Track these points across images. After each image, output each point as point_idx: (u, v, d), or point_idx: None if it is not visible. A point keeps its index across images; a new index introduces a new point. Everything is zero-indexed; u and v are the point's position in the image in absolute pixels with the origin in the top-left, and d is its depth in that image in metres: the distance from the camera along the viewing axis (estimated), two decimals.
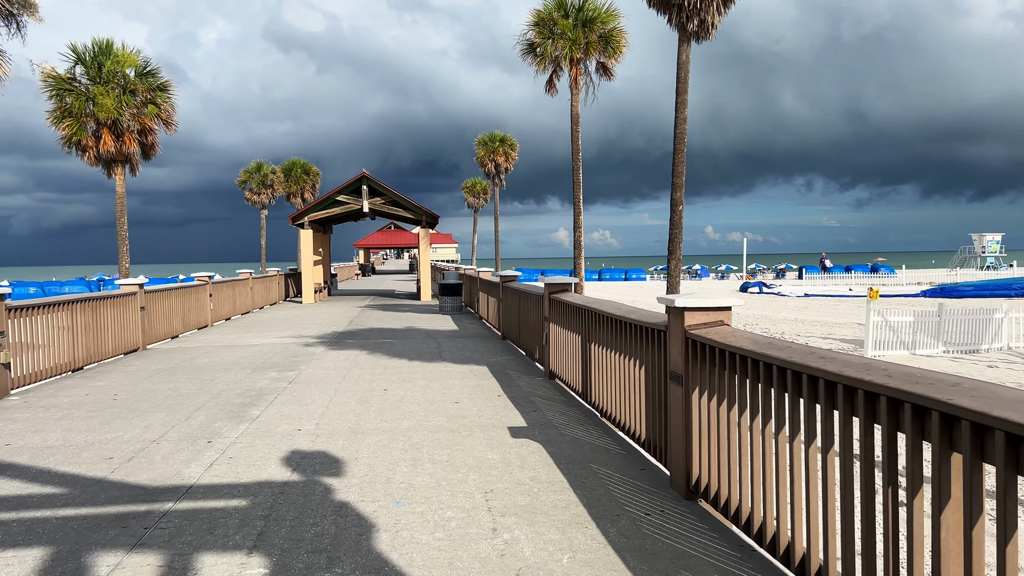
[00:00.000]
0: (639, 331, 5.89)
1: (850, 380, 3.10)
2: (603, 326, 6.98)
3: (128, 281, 13.78)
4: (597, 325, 7.23)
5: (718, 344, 4.43)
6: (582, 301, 8.02)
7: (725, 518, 4.50)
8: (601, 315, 7.03)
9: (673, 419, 5.12)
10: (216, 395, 9.01)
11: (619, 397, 6.57)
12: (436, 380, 9.85)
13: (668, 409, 5.25)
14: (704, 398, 4.73)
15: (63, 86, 20.47)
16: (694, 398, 4.84)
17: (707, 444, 4.70)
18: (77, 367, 11.31)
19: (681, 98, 13.89)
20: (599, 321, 7.13)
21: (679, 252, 14.07)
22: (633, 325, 6.03)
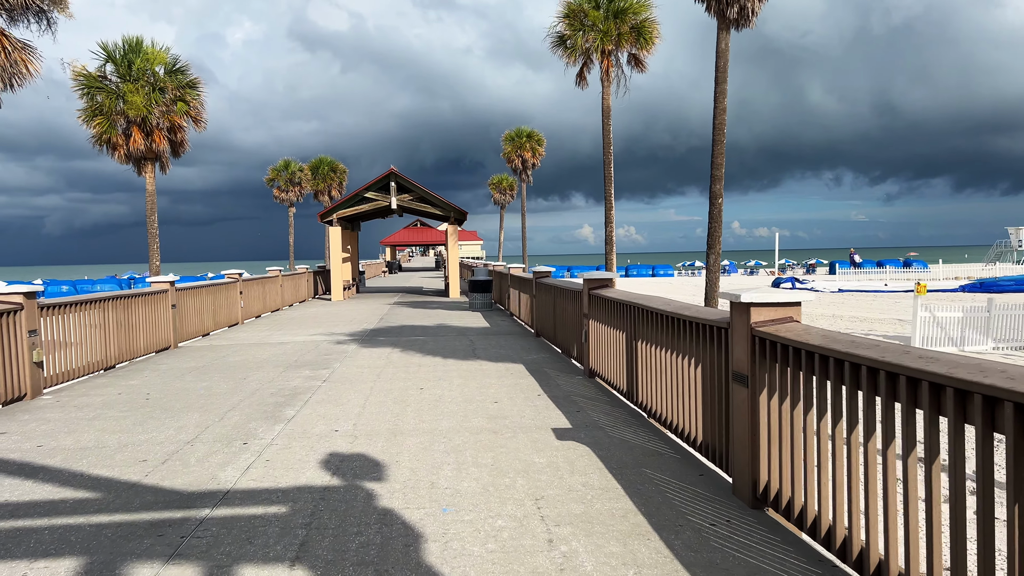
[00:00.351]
0: (696, 329, 5.56)
1: (962, 383, 2.77)
2: (653, 323, 6.66)
3: (159, 279, 13.68)
4: (645, 322, 6.91)
5: (792, 342, 4.10)
6: (627, 297, 7.70)
7: (800, 529, 4.17)
8: (650, 312, 6.71)
9: (737, 422, 4.80)
10: (250, 394, 8.81)
11: (671, 398, 6.25)
12: (472, 378, 9.59)
13: (730, 412, 4.92)
14: (775, 400, 4.40)
15: (93, 84, 20.50)
16: (762, 400, 4.51)
17: (778, 450, 4.37)
18: (109, 365, 11.21)
19: (720, 88, 13.48)
20: (648, 318, 6.81)
21: (718, 247, 13.67)
22: (689, 322, 5.70)
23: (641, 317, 7.05)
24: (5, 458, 6.17)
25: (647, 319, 6.85)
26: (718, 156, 13.53)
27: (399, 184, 27.96)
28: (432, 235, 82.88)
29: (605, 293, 8.81)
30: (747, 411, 4.64)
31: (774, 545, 4.07)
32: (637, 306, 7.15)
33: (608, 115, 21.58)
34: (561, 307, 11.70)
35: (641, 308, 7.01)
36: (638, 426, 6.87)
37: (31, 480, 5.51)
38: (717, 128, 13.58)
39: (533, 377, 9.66)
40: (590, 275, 9.43)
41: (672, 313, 6.04)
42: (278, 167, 47.92)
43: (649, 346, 6.82)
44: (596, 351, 9.24)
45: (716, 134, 13.59)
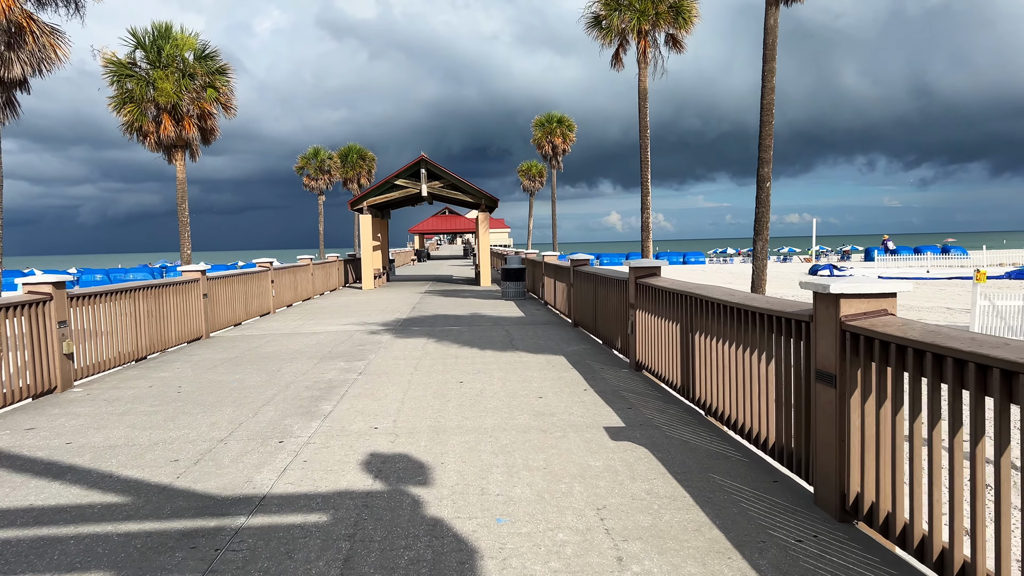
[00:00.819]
0: (768, 322, 5.10)
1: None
2: (714, 315, 6.20)
3: (190, 268, 13.44)
4: (705, 314, 6.44)
5: (894, 338, 3.63)
6: (682, 287, 7.23)
7: (902, 549, 3.72)
8: (712, 303, 6.24)
9: (820, 425, 4.34)
10: (284, 387, 8.50)
11: (737, 396, 5.79)
12: (513, 372, 9.19)
13: (812, 414, 4.46)
14: (870, 403, 3.94)
15: (123, 71, 20.33)
16: (853, 402, 4.05)
17: (874, 458, 3.91)
18: (140, 356, 10.98)
19: (768, 66, 12.89)
20: (708, 309, 6.34)
21: (766, 233, 13.11)
22: (759, 315, 5.23)
23: (699, 308, 6.58)
24: (33, 456, 5.89)
25: (707, 310, 6.38)
26: (766, 138, 12.95)
27: (429, 171, 27.60)
28: (460, 223, 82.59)
29: (654, 282, 8.35)
30: (834, 414, 4.18)
31: (874, 567, 3.62)
32: (695, 296, 6.68)
33: (645, 98, 20.99)
34: (603, 297, 11.25)
35: (700, 299, 6.54)
36: (697, 425, 6.42)
37: (58, 481, 5.21)
38: (765, 108, 12.99)
39: (576, 370, 9.24)
40: (636, 263, 8.97)
41: (739, 304, 5.57)
42: (307, 155, 47.82)
43: (709, 339, 6.35)
44: (644, 343, 8.79)
45: (764, 114, 13.00)
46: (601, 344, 11.57)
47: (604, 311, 11.21)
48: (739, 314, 5.63)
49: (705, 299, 6.38)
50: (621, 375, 8.87)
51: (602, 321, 11.37)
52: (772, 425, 5.16)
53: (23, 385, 7.99)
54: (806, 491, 4.68)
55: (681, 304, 7.16)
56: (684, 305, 7.06)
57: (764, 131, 12.96)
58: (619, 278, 10.07)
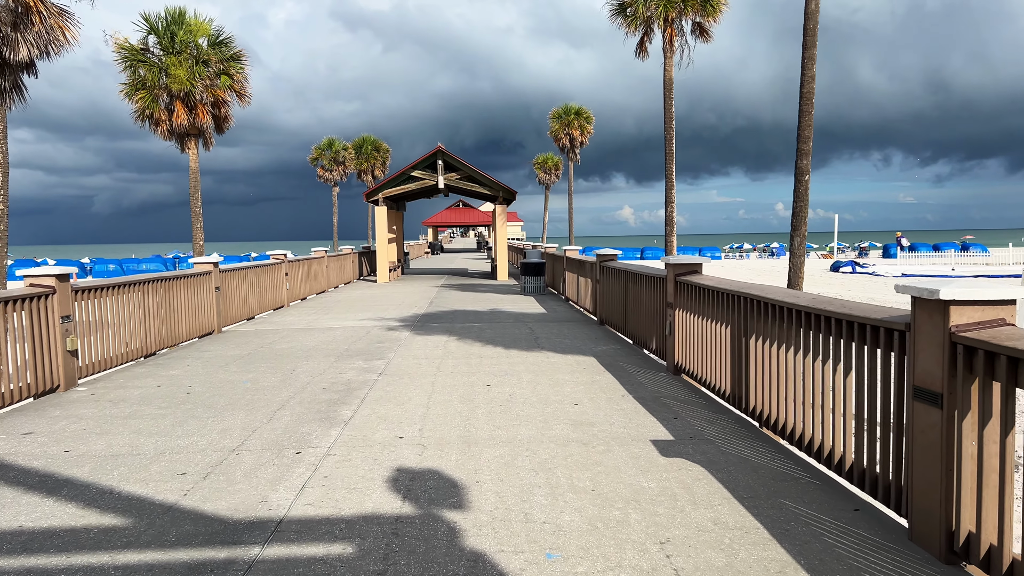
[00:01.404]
0: (849, 329, 4.51)
1: None
2: (775, 319, 5.61)
3: (202, 260, 12.95)
4: (763, 317, 5.86)
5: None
6: (734, 286, 6.65)
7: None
8: (771, 305, 5.66)
9: (919, 451, 3.76)
10: (300, 389, 7.98)
11: (804, 409, 5.21)
12: (543, 374, 8.64)
13: (909, 436, 3.88)
14: (991, 428, 3.36)
15: (136, 57, 19.86)
16: (966, 426, 3.48)
17: (994, 494, 3.33)
18: (149, 352, 10.49)
19: (809, 53, 12.24)
20: (768, 312, 5.76)
21: (804, 228, 12.47)
22: (837, 320, 4.65)
23: (757, 311, 6.00)
24: (28, 466, 5.39)
25: (766, 313, 5.80)
26: (805, 128, 12.30)
27: (446, 162, 27.04)
28: (474, 216, 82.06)
29: (696, 280, 7.77)
30: (939, 438, 3.61)
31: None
32: (751, 297, 6.10)
33: (670, 88, 20.34)
34: (635, 294, 10.67)
35: (758, 300, 5.96)
36: (753, 439, 5.85)
37: (53, 498, 4.70)
38: (804, 98, 12.34)
39: (610, 373, 8.67)
40: (676, 260, 8.39)
41: (809, 308, 4.99)
42: (322, 145, 47.35)
43: (768, 345, 5.78)
44: (684, 345, 8.21)
45: (803, 104, 12.35)
46: (631, 344, 11.00)
47: (636, 310, 10.63)
48: (809, 319, 5.05)
49: (764, 300, 5.80)
50: (659, 379, 8.30)
51: (633, 320, 10.80)
52: (851, 445, 4.58)
53: (23, 384, 7.50)
54: (897, 524, 4.11)
55: (732, 305, 6.58)
56: (736, 306, 6.48)
57: (803, 121, 12.31)
58: (654, 275, 9.49)
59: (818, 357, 4.97)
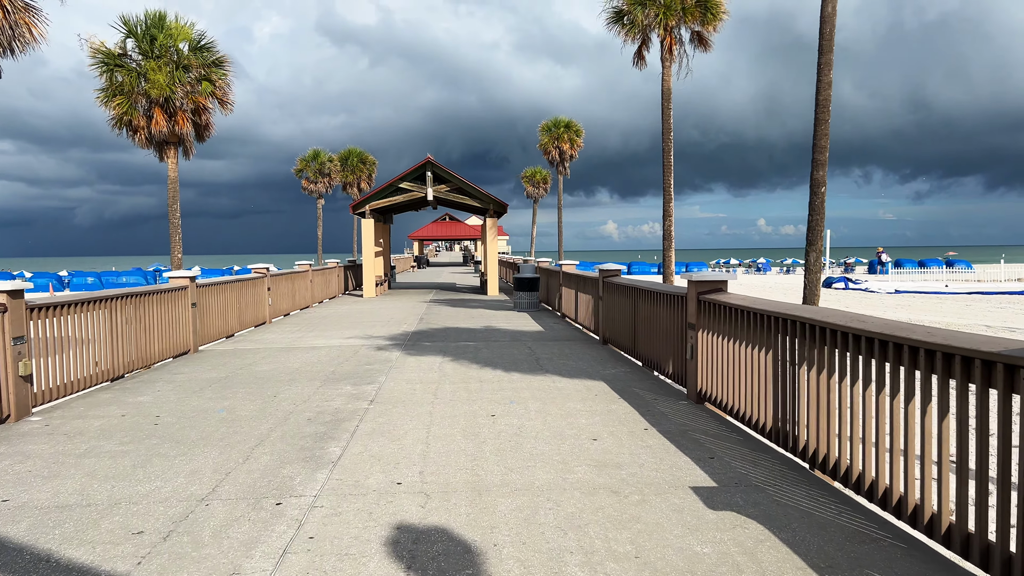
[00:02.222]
0: (947, 362, 3.74)
1: None
2: (833, 346, 4.83)
3: (178, 274, 12.06)
4: (817, 343, 5.07)
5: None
6: (777, 308, 5.87)
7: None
8: (830, 330, 4.88)
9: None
10: (282, 419, 7.12)
11: (877, 454, 4.42)
12: (551, 402, 7.83)
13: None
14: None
15: (113, 62, 18.97)
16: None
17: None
18: (117, 375, 9.59)
19: (825, 58, 11.58)
20: (823, 338, 4.97)
21: (820, 243, 11.77)
22: (927, 351, 3.87)
23: (807, 335, 5.22)
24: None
25: (821, 339, 5.02)
26: (821, 138, 11.62)
27: (436, 174, 26.26)
28: (461, 229, 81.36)
29: (724, 299, 7.00)
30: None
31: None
32: (800, 320, 5.32)
33: (669, 99, 19.69)
34: (646, 313, 9.88)
35: (809, 324, 5.18)
36: (808, 485, 5.05)
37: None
38: (820, 105, 11.67)
39: (625, 401, 7.87)
40: (699, 276, 7.62)
41: (885, 336, 4.21)
42: (307, 157, 46.47)
43: (825, 376, 4.99)
44: (709, 371, 7.43)
45: (819, 111, 11.67)
46: (641, 367, 10.21)
47: (648, 330, 9.84)
48: (885, 348, 4.27)
49: (820, 325, 5.02)
50: (681, 409, 7.51)
51: (644, 341, 10.01)
52: (947, 504, 3.80)
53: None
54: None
55: (775, 329, 5.81)
56: (780, 330, 5.70)
57: (819, 130, 11.62)
58: (671, 293, 8.72)
59: (897, 394, 4.20)
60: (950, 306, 27.89)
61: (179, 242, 20.24)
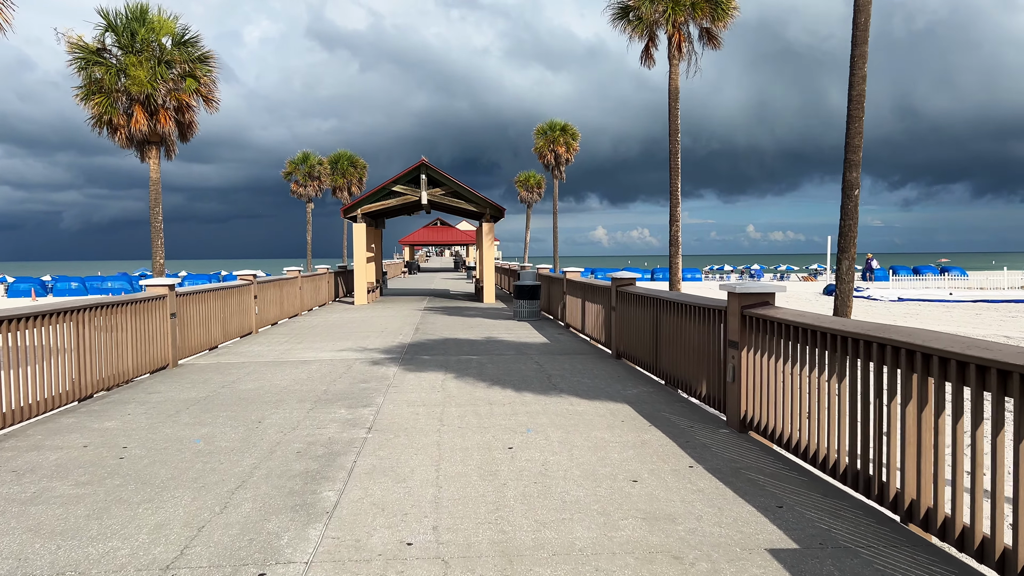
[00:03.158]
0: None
1: None
2: (942, 377, 3.93)
3: (156, 282, 11.08)
4: (913, 370, 4.18)
5: None
6: (852, 327, 4.97)
7: None
8: (940, 358, 3.97)
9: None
10: (267, 453, 6.17)
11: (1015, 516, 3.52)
12: (574, 430, 6.91)
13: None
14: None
15: (91, 57, 17.96)
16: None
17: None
18: (85, 395, 8.61)
19: (859, 50, 10.73)
20: (927, 367, 4.07)
21: (853, 250, 10.90)
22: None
23: (905, 362, 4.32)
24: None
25: (925, 368, 4.12)
26: (855, 136, 10.76)
27: (430, 177, 25.34)
28: (452, 235, 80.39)
29: (775, 314, 6.11)
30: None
31: None
32: (892, 344, 4.42)
33: (676, 98, 18.86)
34: (671, 327, 8.97)
35: (907, 348, 4.27)
36: (911, 546, 4.14)
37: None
38: (854, 101, 10.81)
39: (658, 428, 6.96)
40: (743, 288, 6.72)
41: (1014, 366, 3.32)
42: (296, 159, 45.44)
43: (931, 413, 4.09)
44: (757, 396, 6.53)
45: (852, 108, 10.82)
46: (665, 385, 9.31)
47: (674, 346, 8.94)
48: (1009, 380, 3.38)
49: (925, 351, 4.12)
50: (723, 439, 6.60)
51: (669, 358, 9.10)
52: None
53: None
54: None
55: (851, 352, 4.91)
56: (862, 354, 4.80)
57: (852, 128, 10.77)
58: (704, 305, 7.82)
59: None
60: (960, 315, 27.16)
61: (161, 247, 19.21)
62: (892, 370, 4.46)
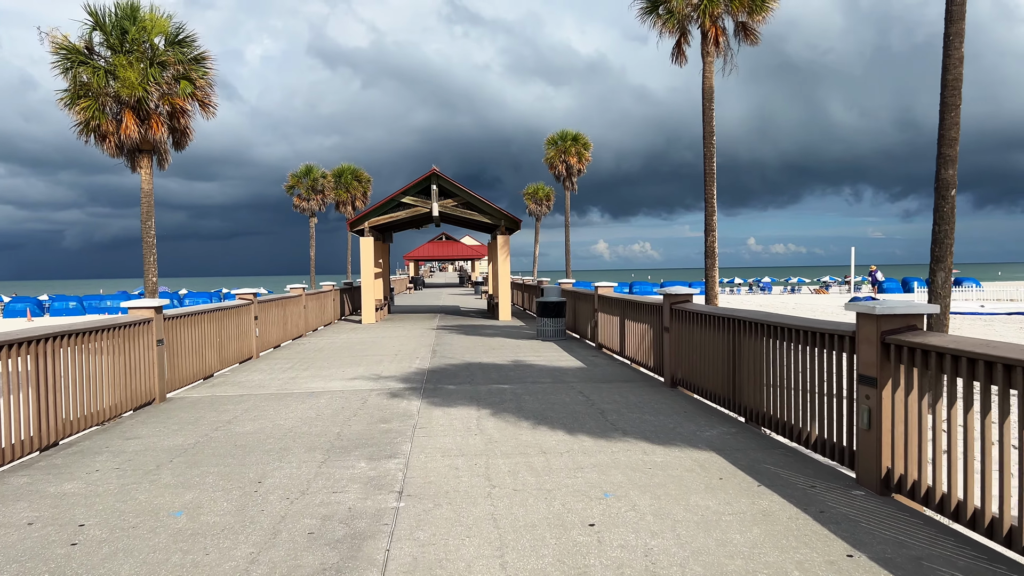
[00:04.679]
0: None
1: None
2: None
3: (140, 304, 9.56)
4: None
5: None
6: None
7: None
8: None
9: None
10: (269, 535, 4.62)
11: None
12: (666, 494, 5.35)
13: None
14: None
15: (77, 58, 16.53)
16: None
17: None
18: (48, 443, 7.07)
19: (955, 27, 9.21)
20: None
21: (950, 260, 9.37)
22: None
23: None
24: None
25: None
26: (951, 128, 9.25)
27: (442, 187, 23.88)
28: (458, 249, 79.05)
29: (936, 343, 4.58)
30: None
31: None
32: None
33: (711, 98, 17.40)
34: (759, 354, 7.40)
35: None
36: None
37: None
38: (949, 86, 9.31)
39: (772, 490, 5.40)
40: (884, 308, 5.19)
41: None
42: (299, 173, 44.04)
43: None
44: (909, 448, 4.98)
45: (947, 94, 9.32)
46: (745, 423, 7.76)
47: (764, 378, 7.37)
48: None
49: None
50: (864, 505, 5.04)
51: (755, 392, 7.53)
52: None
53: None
54: None
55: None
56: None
57: (947, 118, 9.28)
58: (814, 329, 6.27)
59: None
60: (1004, 329, 25.55)
61: (154, 263, 17.70)
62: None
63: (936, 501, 4.67)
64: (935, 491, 4.68)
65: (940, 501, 4.64)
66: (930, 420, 4.78)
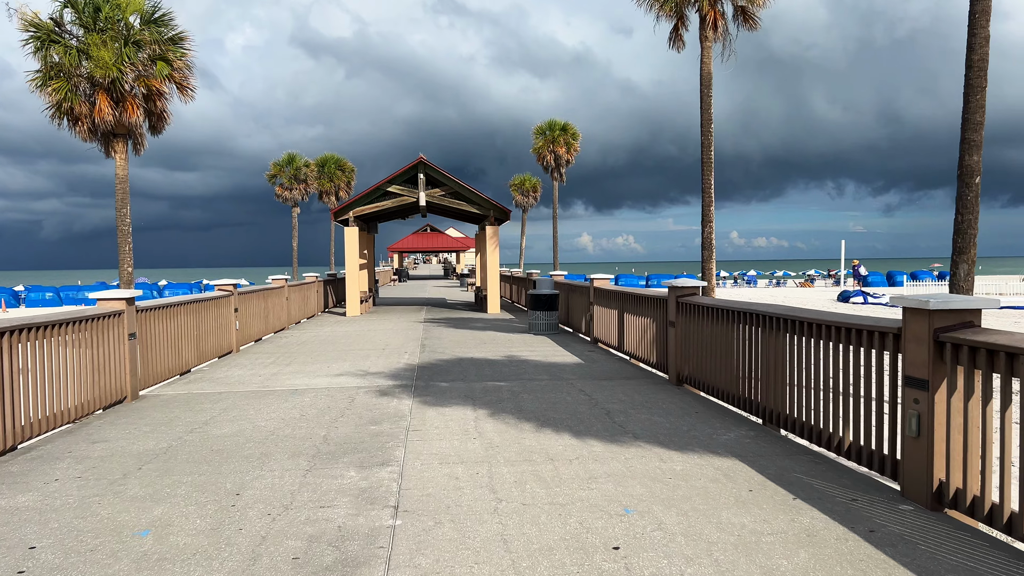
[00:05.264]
0: None
1: None
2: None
3: (109, 295, 8.88)
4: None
5: None
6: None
7: None
8: None
9: None
10: (248, 560, 4.03)
11: None
12: (693, 508, 4.80)
13: None
14: None
15: (48, 36, 15.72)
16: None
17: None
18: (5, 448, 6.42)
19: (981, 5, 8.72)
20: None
21: (973, 252, 8.88)
22: None
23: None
24: None
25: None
26: (975, 111, 8.75)
27: (429, 176, 23.22)
28: (443, 241, 78.31)
29: (999, 341, 4.06)
30: None
31: None
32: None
33: (709, 85, 16.86)
34: (781, 352, 6.86)
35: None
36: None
37: None
38: (975, 67, 8.81)
39: (810, 504, 4.87)
40: (939, 303, 4.65)
41: None
42: (281, 161, 43.14)
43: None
44: (967, 460, 4.45)
45: (972, 75, 8.82)
46: (762, 424, 7.23)
47: (782, 377, 6.84)
48: None
49: None
50: (915, 521, 4.51)
51: (775, 393, 6.99)
52: None
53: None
54: None
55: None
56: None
57: (972, 101, 8.78)
58: (851, 325, 5.74)
59: None
60: (1004, 324, 25.28)
61: (129, 253, 16.93)
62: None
63: (1004, 521, 4.15)
64: (1003, 509, 4.15)
65: (1009, 520, 4.12)
66: (996, 428, 4.27)
